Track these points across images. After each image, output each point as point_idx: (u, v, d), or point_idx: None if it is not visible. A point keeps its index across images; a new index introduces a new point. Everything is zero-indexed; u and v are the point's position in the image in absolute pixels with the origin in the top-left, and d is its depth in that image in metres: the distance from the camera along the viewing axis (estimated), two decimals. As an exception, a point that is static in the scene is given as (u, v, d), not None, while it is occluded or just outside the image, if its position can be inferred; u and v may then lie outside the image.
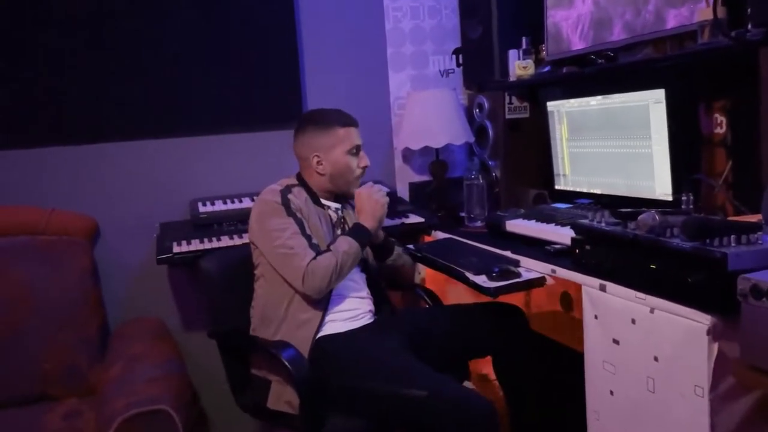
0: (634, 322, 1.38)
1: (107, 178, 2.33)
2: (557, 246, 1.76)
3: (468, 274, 1.77)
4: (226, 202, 2.32)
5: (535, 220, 1.96)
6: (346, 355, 1.70)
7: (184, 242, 2.14)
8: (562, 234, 1.75)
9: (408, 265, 2.05)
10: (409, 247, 2.11)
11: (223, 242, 2.14)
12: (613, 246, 1.45)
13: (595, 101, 2.00)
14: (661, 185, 1.78)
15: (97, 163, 2.32)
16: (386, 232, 1.99)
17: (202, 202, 2.31)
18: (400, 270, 2.02)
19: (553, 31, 2.18)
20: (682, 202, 1.53)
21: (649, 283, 1.35)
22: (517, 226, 2.00)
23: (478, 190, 2.34)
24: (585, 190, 2.12)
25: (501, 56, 2.35)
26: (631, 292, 1.38)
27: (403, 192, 2.66)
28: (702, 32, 1.55)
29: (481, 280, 1.72)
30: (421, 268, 2.32)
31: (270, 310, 1.77)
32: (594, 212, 1.63)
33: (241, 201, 2.32)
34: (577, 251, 1.58)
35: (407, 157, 2.68)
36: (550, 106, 2.20)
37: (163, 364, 1.89)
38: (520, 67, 2.24)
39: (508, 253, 1.86)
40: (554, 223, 1.87)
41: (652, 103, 1.76)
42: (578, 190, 2.15)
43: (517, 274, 1.72)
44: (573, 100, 2.10)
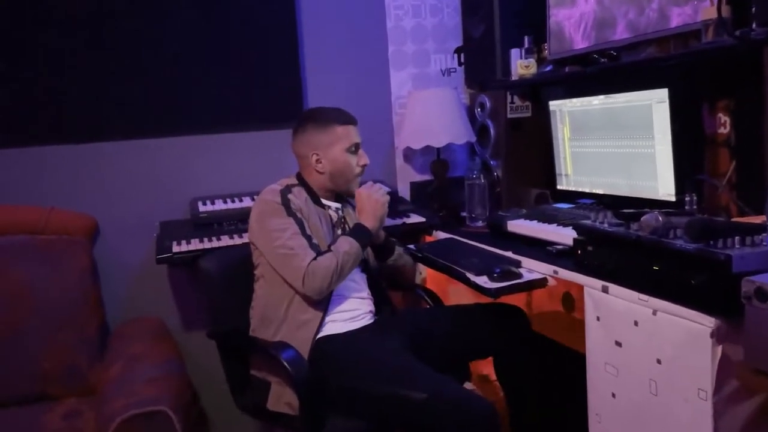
0: (636, 324, 1.37)
1: (107, 177, 2.32)
2: (559, 247, 1.75)
3: (469, 275, 1.76)
4: (227, 202, 2.31)
5: (536, 221, 1.95)
6: (346, 356, 1.69)
7: (183, 242, 2.13)
8: (564, 234, 1.74)
9: (409, 266, 2.04)
10: (410, 247, 2.10)
11: (223, 242, 2.13)
12: (615, 247, 1.44)
13: (597, 101, 1.99)
14: (664, 186, 1.77)
15: (97, 161, 2.31)
16: (387, 232, 1.98)
17: (203, 202, 2.30)
18: (401, 270, 2.01)
19: (556, 30, 2.17)
20: (686, 203, 1.52)
21: (652, 285, 1.34)
22: (519, 226, 1.99)
23: (480, 190, 2.33)
24: (587, 191, 2.11)
25: (503, 55, 2.33)
26: (634, 294, 1.37)
27: (405, 191, 2.65)
28: (706, 31, 1.53)
29: (482, 281, 1.71)
30: (422, 268, 2.31)
31: (270, 311, 1.76)
32: (596, 213, 1.62)
33: (242, 200, 2.31)
34: (579, 252, 1.57)
35: (408, 156, 2.67)
36: (553, 105, 2.19)
37: (163, 365, 1.88)
38: (522, 66, 2.23)
39: (510, 254, 1.84)
40: (556, 224, 1.86)
41: (655, 103, 1.75)
42: (580, 190, 2.14)
43: (519, 275, 1.71)
44: (575, 100, 2.09)
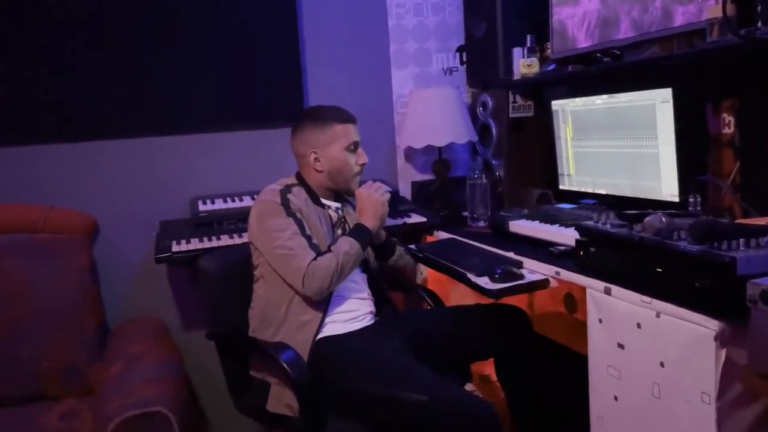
0: (639, 326, 1.36)
1: (107, 175, 2.31)
2: (561, 247, 1.73)
3: (470, 276, 1.75)
4: (227, 201, 2.30)
5: (538, 221, 1.94)
6: (346, 357, 1.68)
7: (183, 241, 2.12)
8: (566, 235, 1.73)
9: (410, 266, 2.03)
10: (411, 247, 2.09)
11: (223, 241, 2.12)
12: (618, 248, 1.43)
13: (600, 100, 1.98)
14: (668, 186, 1.76)
15: (97, 160, 2.31)
16: (388, 232, 1.97)
17: (203, 201, 2.29)
18: (402, 271, 2.00)
19: (559, 29, 2.16)
20: (689, 204, 1.51)
21: (656, 287, 1.32)
22: (521, 226, 1.97)
23: (481, 190, 2.32)
24: (590, 191, 2.10)
25: (505, 54, 2.32)
26: (637, 296, 1.36)
27: (406, 191, 2.64)
28: (711, 30, 1.52)
29: (484, 282, 1.69)
30: (423, 268, 2.30)
31: (269, 312, 1.75)
32: (599, 213, 1.61)
33: (242, 199, 2.30)
34: (581, 253, 1.55)
35: (410, 155, 2.66)
36: (555, 104, 2.17)
37: (162, 365, 1.88)
38: (524, 65, 2.22)
39: (511, 254, 1.83)
40: (558, 224, 1.85)
41: (659, 103, 1.74)
42: (583, 191, 2.13)
43: (520, 276, 1.70)
44: (578, 99, 2.08)
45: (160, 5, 2.30)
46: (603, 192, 2.04)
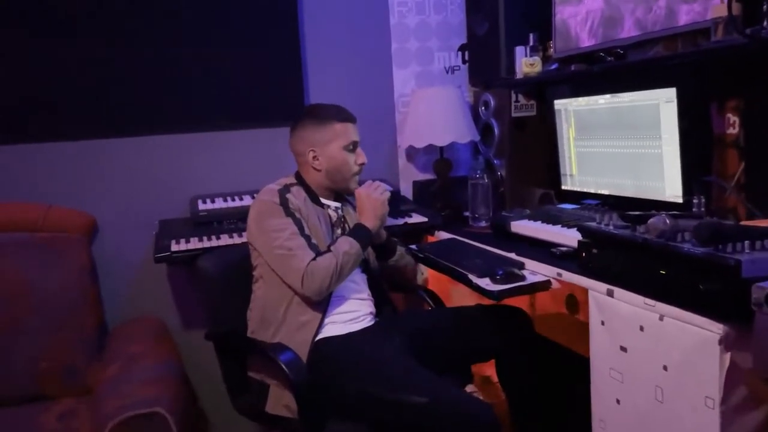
0: (642, 329, 1.34)
1: (106, 174, 2.31)
2: (563, 248, 1.72)
3: (471, 277, 1.73)
4: (227, 200, 2.29)
5: (540, 221, 1.93)
6: (346, 358, 1.66)
7: (182, 240, 2.11)
8: (569, 236, 1.71)
9: (410, 266, 2.01)
10: (412, 247, 2.08)
11: (223, 241, 2.11)
12: (621, 250, 1.41)
13: (603, 100, 1.97)
14: (672, 187, 1.74)
15: (97, 159, 2.30)
16: (389, 232, 1.96)
17: (202, 200, 2.28)
18: (403, 271, 1.99)
19: (562, 28, 2.14)
20: (693, 205, 1.50)
21: (659, 290, 1.31)
22: (523, 227, 1.96)
23: (483, 190, 2.30)
24: (592, 191, 2.08)
25: (507, 53, 2.31)
26: (640, 299, 1.35)
27: (407, 191, 2.63)
28: (716, 29, 1.50)
29: (485, 283, 1.68)
30: (424, 269, 2.28)
31: (269, 312, 1.74)
32: (602, 214, 1.59)
33: (242, 199, 2.29)
34: (583, 254, 1.54)
35: (411, 155, 2.64)
36: (558, 104, 2.16)
37: (161, 365, 1.87)
38: (527, 64, 2.20)
39: (513, 255, 1.82)
40: (560, 225, 1.84)
41: (663, 102, 1.72)
42: (585, 191, 2.11)
43: (522, 277, 1.69)
44: (581, 99, 2.06)
45: (160, 5, 2.29)
46: (606, 192, 2.02)
